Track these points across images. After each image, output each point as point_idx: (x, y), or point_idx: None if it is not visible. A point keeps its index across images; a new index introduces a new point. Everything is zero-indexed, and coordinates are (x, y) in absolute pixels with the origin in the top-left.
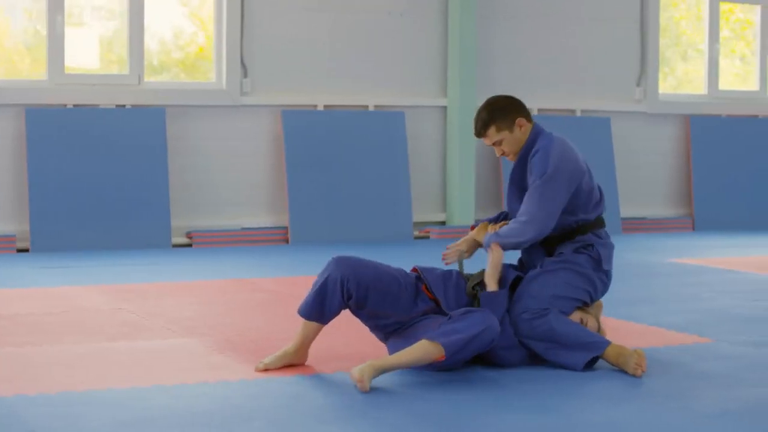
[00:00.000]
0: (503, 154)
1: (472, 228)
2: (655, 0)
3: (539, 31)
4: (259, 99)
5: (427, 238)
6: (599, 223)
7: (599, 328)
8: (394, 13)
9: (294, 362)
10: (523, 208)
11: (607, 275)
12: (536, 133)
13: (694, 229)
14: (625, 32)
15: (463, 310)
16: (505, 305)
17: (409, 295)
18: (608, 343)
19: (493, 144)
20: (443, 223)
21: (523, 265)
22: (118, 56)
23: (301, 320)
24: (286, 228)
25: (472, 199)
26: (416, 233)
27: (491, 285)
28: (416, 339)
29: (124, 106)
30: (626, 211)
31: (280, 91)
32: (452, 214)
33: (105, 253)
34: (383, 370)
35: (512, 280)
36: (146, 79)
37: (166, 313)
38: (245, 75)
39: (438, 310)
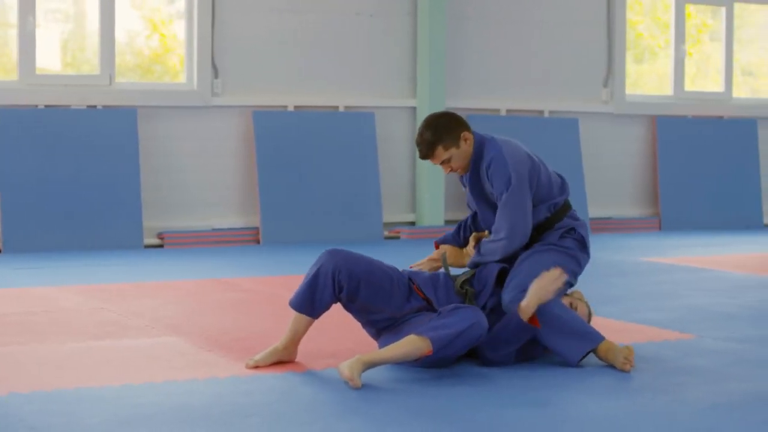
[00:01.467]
0: (452, 170)
1: (437, 246)
2: (621, 3)
3: (508, 34)
4: (230, 100)
5: (398, 238)
6: (568, 205)
7: (589, 315)
8: (364, 14)
9: (283, 359)
10: (498, 224)
11: (588, 255)
12: (480, 143)
13: (660, 228)
14: (592, 34)
15: (452, 306)
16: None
17: (401, 292)
18: (603, 337)
19: (441, 163)
20: (413, 223)
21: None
22: (72, 58)
23: (291, 316)
24: (257, 228)
25: (442, 199)
26: (386, 234)
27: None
28: (407, 335)
29: (95, 106)
30: (594, 211)
31: (250, 91)
32: (422, 214)
33: (78, 254)
34: (371, 365)
35: (498, 271)
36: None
37: (147, 312)
38: (216, 76)
39: (430, 308)
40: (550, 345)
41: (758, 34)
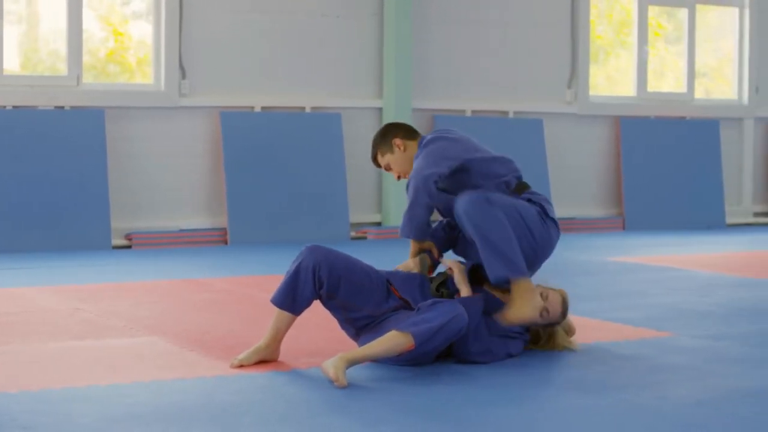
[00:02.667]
0: (399, 177)
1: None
2: (585, 4)
3: (473, 35)
4: (198, 100)
5: (365, 239)
6: (524, 185)
7: (564, 305)
8: (331, 15)
9: (266, 358)
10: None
11: (555, 224)
12: (423, 146)
13: (624, 228)
14: (556, 36)
15: (431, 301)
16: (480, 311)
17: (380, 291)
18: (525, 274)
19: (386, 169)
20: (379, 224)
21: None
22: (27, 59)
23: (273, 315)
24: (224, 229)
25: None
26: (353, 234)
27: (464, 291)
28: (387, 332)
29: (63, 107)
30: (559, 211)
31: (218, 92)
32: (388, 214)
33: (46, 255)
34: (355, 362)
35: (470, 268)
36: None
37: (124, 312)
38: (184, 77)
39: (408, 308)
40: (481, 252)
41: (710, 35)
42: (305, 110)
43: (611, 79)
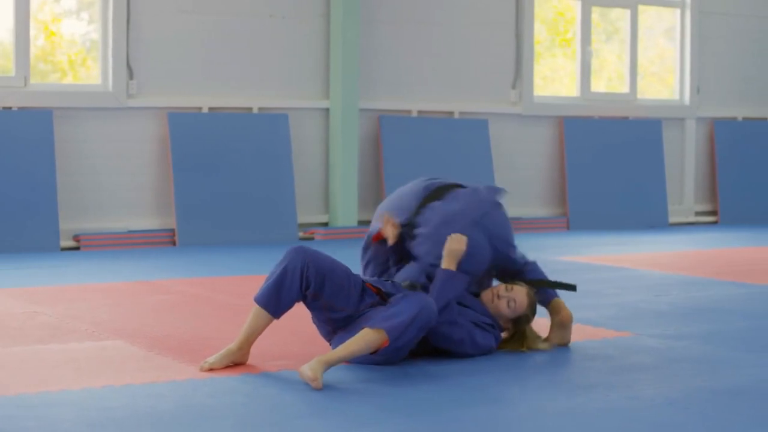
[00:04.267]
0: None
1: (375, 239)
2: (530, 5)
3: (419, 36)
4: (145, 101)
5: (312, 239)
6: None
7: (531, 306)
8: (277, 16)
9: (237, 361)
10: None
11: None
12: None
13: (568, 228)
14: (501, 36)
15: (400, 295)
16: (460, 287)
17: (357, 290)
18: None
19: None
20: (326, 224)
21: None
22: None
23: (247, 316)
24: (173, 230)
25: (355, 200)
26: (301, 234)
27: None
28: (360, 329)
29: (10, 108)
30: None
31: (165, 93)
32: (335, 215)
33: None
34: (332, 364)
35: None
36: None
37: (83, 315)
38: (131, 77)
39: (382, 303)
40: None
41: (644, 35)
42: (253, 111)
43: (547, 78)
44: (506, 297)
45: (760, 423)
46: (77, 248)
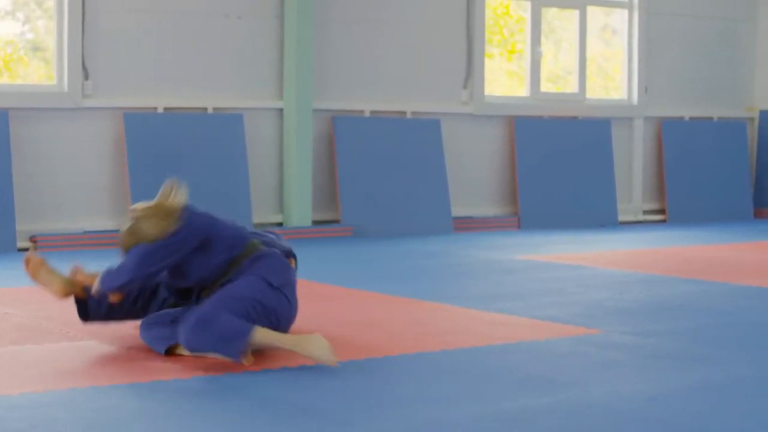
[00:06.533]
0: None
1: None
2: (481, 5)
3: (372, 36)
4: (101, 102)
5: None
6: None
7: None
8: (232, 16)
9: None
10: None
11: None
12: None
13: (519, 227)
14: (452, 36)
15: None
16: None
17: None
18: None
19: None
20: (280, 224)
21: None
22: None
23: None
24: None
25: (309, 200)
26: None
27: None
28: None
29: None
30: (456, 210)
31: (121, 93)
32: (289, 215)
33: None
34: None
35: None
36: None
37: (55, 316)
38: (87, 77)
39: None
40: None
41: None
42: (208, 111)
43: (487, 80)
44: None
45: (741, 417)
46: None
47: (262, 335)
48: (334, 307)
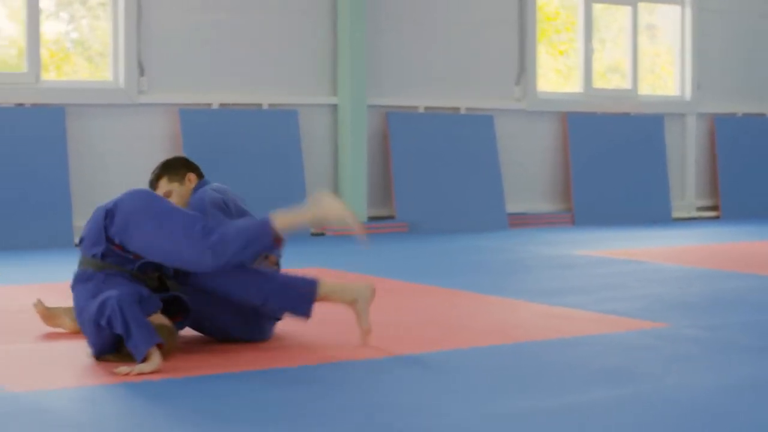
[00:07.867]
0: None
1: None
2: (532, 3)
3: (426, 32)
4: (156, 98)
5: (323, 235)
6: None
7: None
8: (286, 12)
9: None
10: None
11: None
12: (199, 186)
13: (573, 223)
14: (506, 33)
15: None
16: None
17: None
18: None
19: (166, 196)
20: None
21: None
22: None
23: None
24: None
25: (364, 195)
26: (312, 230)
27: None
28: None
29: (23, 104)
30: (510, 206)
31: (176, 89)
32: None
33: (6, 254)
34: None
35: None
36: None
37: None
38: (142, 74)
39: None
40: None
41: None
42: (262, 107)
43: (542, 76)
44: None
45: None
46: None
47: (281, 220)
48: (393, 300)
